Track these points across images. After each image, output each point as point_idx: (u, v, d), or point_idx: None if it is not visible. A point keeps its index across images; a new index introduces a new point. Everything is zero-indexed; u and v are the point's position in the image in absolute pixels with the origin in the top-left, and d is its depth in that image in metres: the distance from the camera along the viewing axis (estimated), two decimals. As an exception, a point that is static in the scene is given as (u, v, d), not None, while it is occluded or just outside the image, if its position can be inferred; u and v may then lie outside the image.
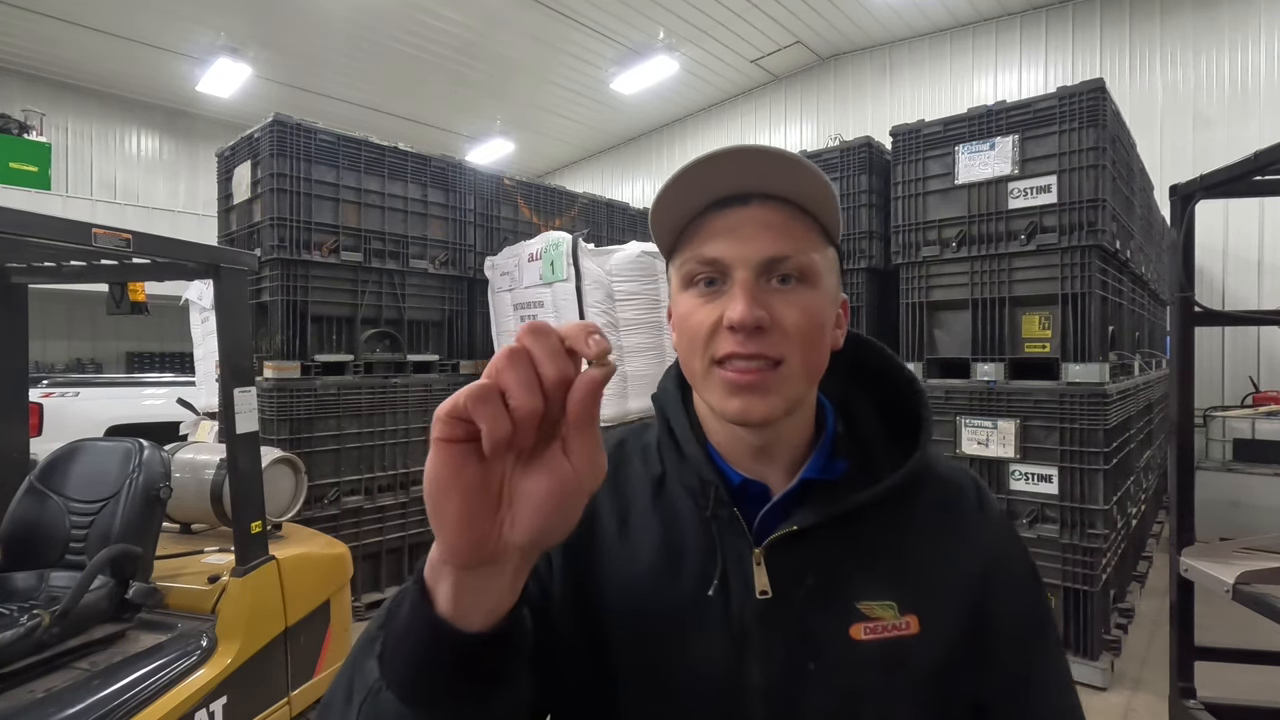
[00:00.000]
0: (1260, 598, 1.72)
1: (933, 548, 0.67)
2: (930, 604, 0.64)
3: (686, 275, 0.64)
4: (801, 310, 0.60)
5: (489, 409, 0.40)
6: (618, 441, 0.76)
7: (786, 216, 0.61)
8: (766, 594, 0.62)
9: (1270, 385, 6.60)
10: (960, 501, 0.70)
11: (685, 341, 0.64)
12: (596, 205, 5.62)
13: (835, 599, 0.63)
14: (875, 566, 0.64)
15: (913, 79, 9.18)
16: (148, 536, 2.04)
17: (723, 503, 0.65)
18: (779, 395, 0.60)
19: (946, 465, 0.74)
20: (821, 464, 0.67)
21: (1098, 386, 3.07)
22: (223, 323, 2.20)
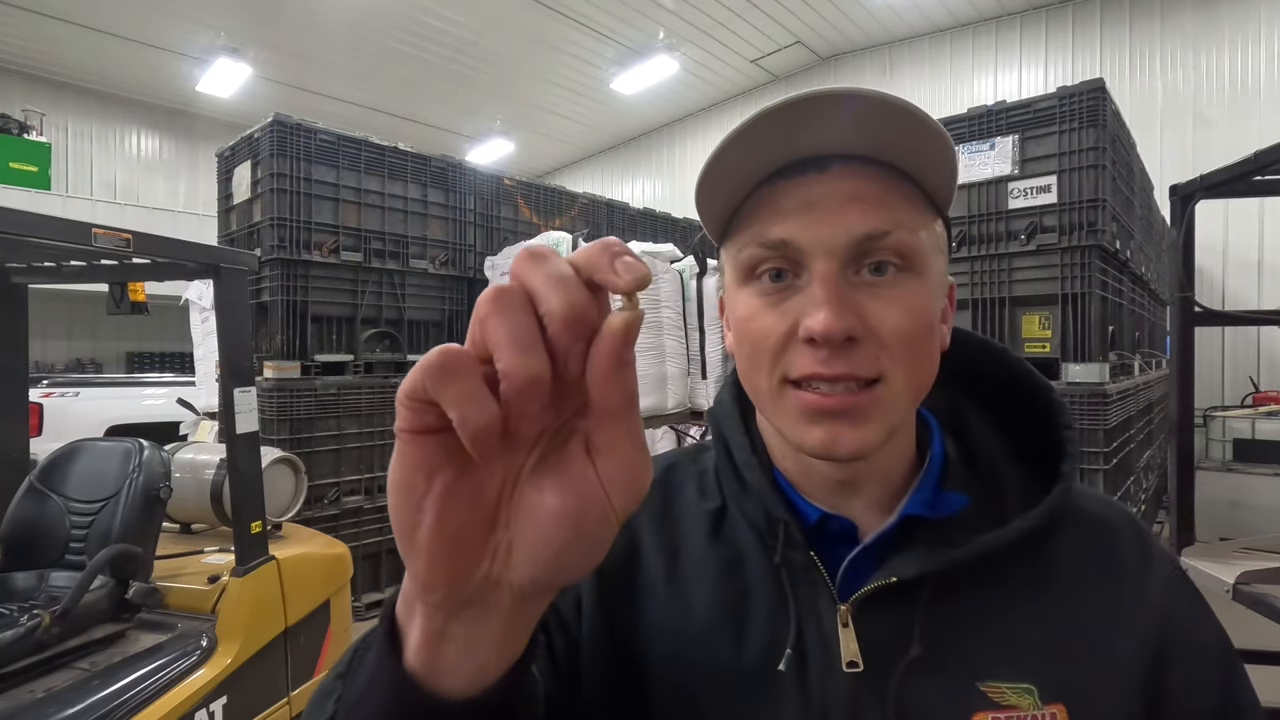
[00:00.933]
0: (1260, 598, 1.72)
1: (1084, 613, 0.49)
2: (1082, 690, 0.47)
3: (746, 264, 0.48)
4: (905, 310, 0.45)
5: (461, 386, 0.26)
6: (668, 465, 0.62)
7: (882, 184, 0.46)
8: (856, 666, 0.47)
9: (1270, 385, 6.59)
10: (1116, 549, 0.53)
11: (747, 352, 0.49)
12: (596, 205, 5.62)
13: (950, 677, 0.47)
14: (1006, 637, 0.48)
15: (913, 79, 9.18)
16: (148, 536, 2.04)
17: (796, 545, 0.50)
18: (876, 423, 0.45)
19: (1098, 501, 0.56)
20: (928, 497, 0.51)
21: (1098, 386, 3.07)
22: (223, 323, 2.20)
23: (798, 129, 0.45)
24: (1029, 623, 0.49)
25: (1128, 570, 0.52)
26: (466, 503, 0.29)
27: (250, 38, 9.30)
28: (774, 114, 0.43)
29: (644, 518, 0.57)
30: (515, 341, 0.26)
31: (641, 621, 0.53)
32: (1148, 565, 0.52)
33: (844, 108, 0.44)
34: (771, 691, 0.48)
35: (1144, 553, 0.53)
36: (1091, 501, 0.56)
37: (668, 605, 0.53)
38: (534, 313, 0.27)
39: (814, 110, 0.44)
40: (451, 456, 0.29)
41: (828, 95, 0.43)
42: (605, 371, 0.28)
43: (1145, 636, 0.49)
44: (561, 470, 0.30)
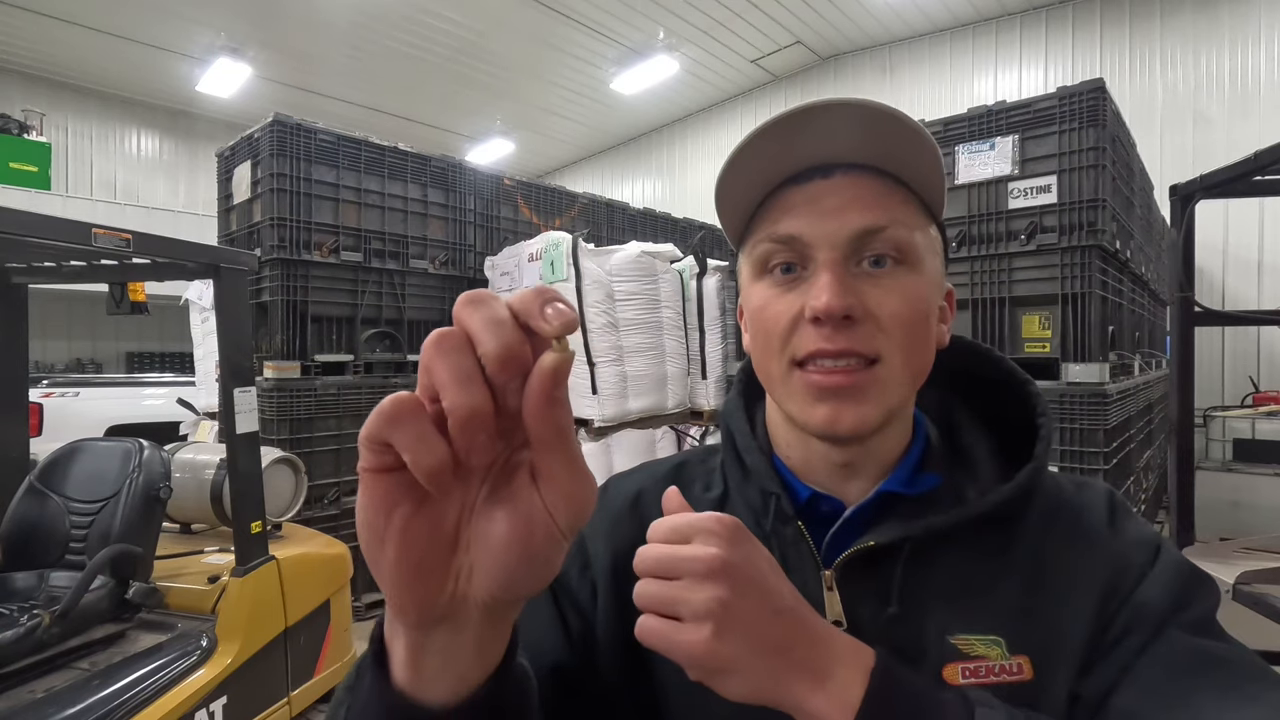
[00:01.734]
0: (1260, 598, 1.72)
1: (1053, 577, 0.53)
2: (1048, 644, 0.51)
3: (759, 260, 0.54)
4: (901, 297, 0.50)
5: (412, 429, 0.30)
6: (678, 464, 0.68)
7: (879, 187, 0.52)
8: (840, 624, 0.52)
9: (1270, 385, 6.59)
10: (1085, 521, 0.56)
11: (760, 340, 0.54)
12: (596, 205, 5.62)
13: (924, 632, 0.51)
14: (976, 595, 0.52)
15: (913, 79, 9.18)
16: (148, 536, 2.04)
17: (786, 518, 0.56)
18: (874, 402, 0.50)
19: (1076, 481, 0.61)
20: (907, 476, 0.56)
21: (1098, 386, 3.07)
22: (223, 323, 2.20)
23: (804, 139, 0.50)
24: (998, 585, 0.53)
25: (1093, 539, 0.55)
26: (426, 533, 0.32)
27: (250, 38, 9.30)
28: (783, 122, 0.49)
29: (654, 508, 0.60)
30: (456, 380, 0.29)
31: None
32: (1114, 530, 0.55)
33: (842, 114, 0.49)
34: None
35: (1112, 520, 0.56)
36: (1070, 484, 0.60)
37: None
38: (474, 353, 0.30)
39: (816, 118, 0.49)
40: (409, 492, 0.32)
41: (828, 103, 0.48)
42: (538, 406, 0.30)
43: (1105, 599, 0.52)
44: (510, 498, 0.33)
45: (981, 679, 0.50)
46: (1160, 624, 0.50)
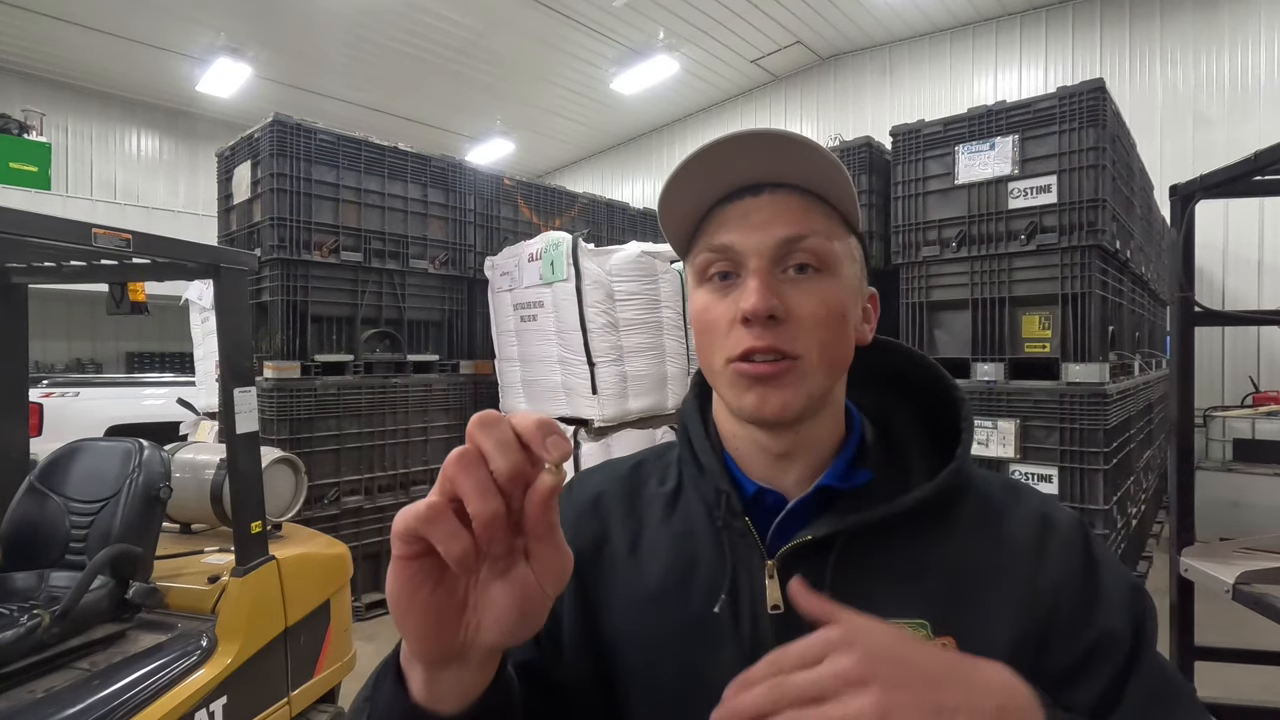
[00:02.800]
0: (1260, 598, 1.72)
1: (975, 567, 0.59)
2: (971, 626, 0.57)
3: (700, 268, 0.62)
4: (819, 300, 0.57)
5: (444, 528, 0.39)
6: (636, 463, 0.75)
7: (801, 203, 0.59)
8: (779, 609, 0.58)
9: (1270, 385, 6.60)
10: (1012, 518, 0.62)
11: (703, 339, 0.62)
12: (596, 205, 5.62)
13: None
14: (904, 584, 0.59)
15: (913, 79, 9.18)
16: (148, 536, 2.04)
17: (735, 512, 0.62)
18: (795, 390, 0.57)
19: (1002, 482, 0.67)
20: (842, 471, 0.63)
21: (1098, 386, 3.07)
22: (223, 323, 2.20)
23: (735, 162, 0.58)
24: (924, 572, 0.59)
25: (1021, 535, 0.61)
26: (443, 601, 0.42)
27: (250, 38, 9.30)
28: (717, 148, 0.57)
29: (613, 506, 0.70)
30: (478, 492, 0.38)
31: (608, 594, 0.65)
32: (1047, 533, 0.61)
33: (766, 141, 0.56)
34: (711, 635, 0.60)
35: (1044, 523, 0.62)
36: (995, 482, 0.66)
37: (629, 576, 0.65)
38: (488, 469, 0.39)
39: (745, 144, 0.57)
40: (432, 572, 0.41)
41: (751, 134, 0.56)
42: (537, 512, 0.41)
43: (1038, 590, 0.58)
44: (509, 572, 0.43)
45: None
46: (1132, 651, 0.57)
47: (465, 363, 4.65)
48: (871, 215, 3.89)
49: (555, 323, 3.81)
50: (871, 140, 3.98)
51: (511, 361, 4.21)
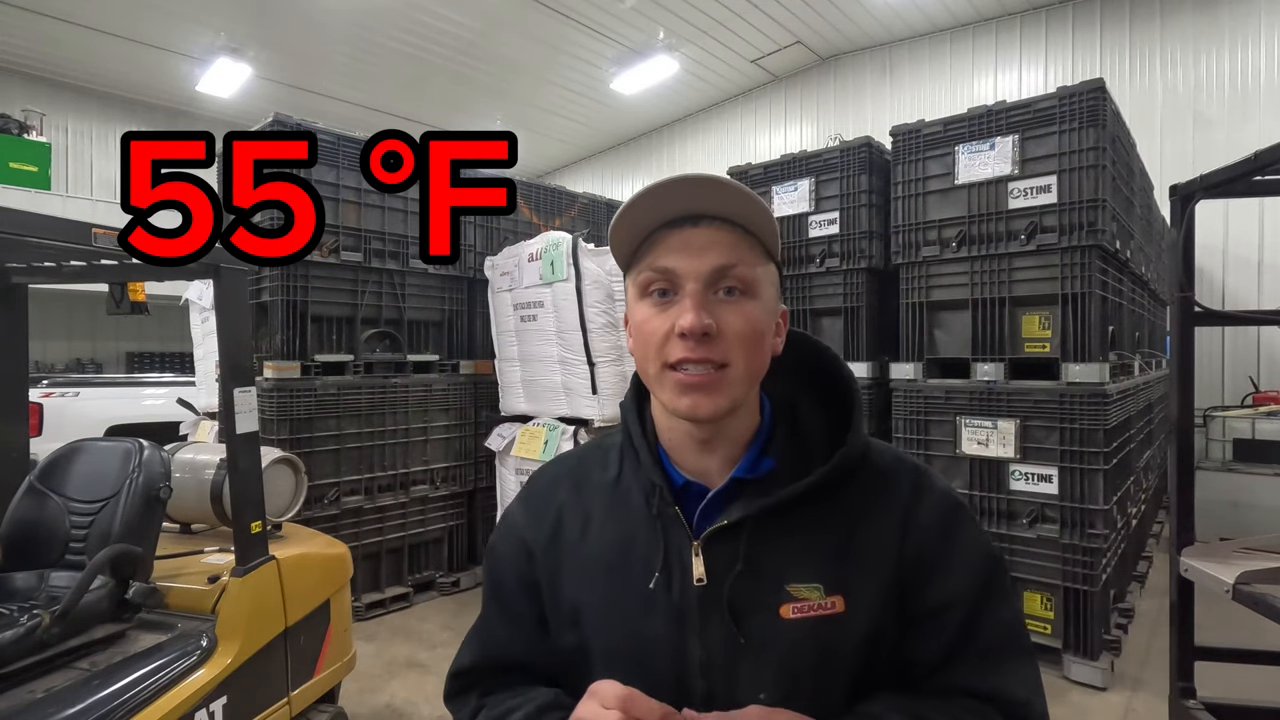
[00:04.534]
0: (1260, 598, 1.72)
1: (862, 533, 0.72)
2: (858, 584, 0.70)
3: (643, 284, 0.71)
4: (745, 319, 0.68)
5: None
6: (580, 456, 0.87)
7: (733, 235, 0.69)
8: (703, 581, 0.71)
9: (1270, 385, 6.59)
10: (893, 489, 0.74)
11: (641, 347, 0.71)
12: (596, 205, 5.62)
13: (764, 583, 0.70)
14: (804, 553, 0.71)
15: (913, 79, 9.18)
16: (148, 536, 2.03)
17: (667, 502, 0.74)
18: (723, 395, 0.68)
19: (891, 457, 0.78)
20: (750, 463, 0.74)
21: (1098, 386, 3.07)
22: (223, 323, 2.20)
23: (678, 198, 0.68)
24: (820, 543, 0.71)
25: (898, 502, 0.73)
26: None
27: (250, 38, 9.30)
28: (660, 189, 0.68)
29: (566, 494, 0.83)
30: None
31: (565, 566, 0.78)
32: (918, 498, 0.74)
33: (705, 183, 0.68)
34: (649, 604, 0.72)
35: (915, 491, 0.74)
36: (885, 456, 0.77)
37: (582, 552, 0.78)
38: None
39: (687, 185, 0.68)
40: None
41: (693, 178, 0.67)
42: None
43: (905, 550, 0.72)
44: None
45: (806, 614, 0.69)
46: (971, 612, 0.71)
47: (465, 363, 4.65)
48: (871, 215, 3.89)
49: (555, 323, 3.81)
50: (871, 140, 3.98)
51: (511, 361, 4.21)
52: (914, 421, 3.53)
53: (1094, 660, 3.09)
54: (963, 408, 3.39)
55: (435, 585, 4.42)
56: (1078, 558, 3.09)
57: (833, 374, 0.79)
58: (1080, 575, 3.09)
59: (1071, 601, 3.12)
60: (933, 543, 0.72)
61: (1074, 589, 3.10)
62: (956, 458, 3.39)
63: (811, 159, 4.09)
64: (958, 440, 3.39)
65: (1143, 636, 3.63)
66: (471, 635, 0.87)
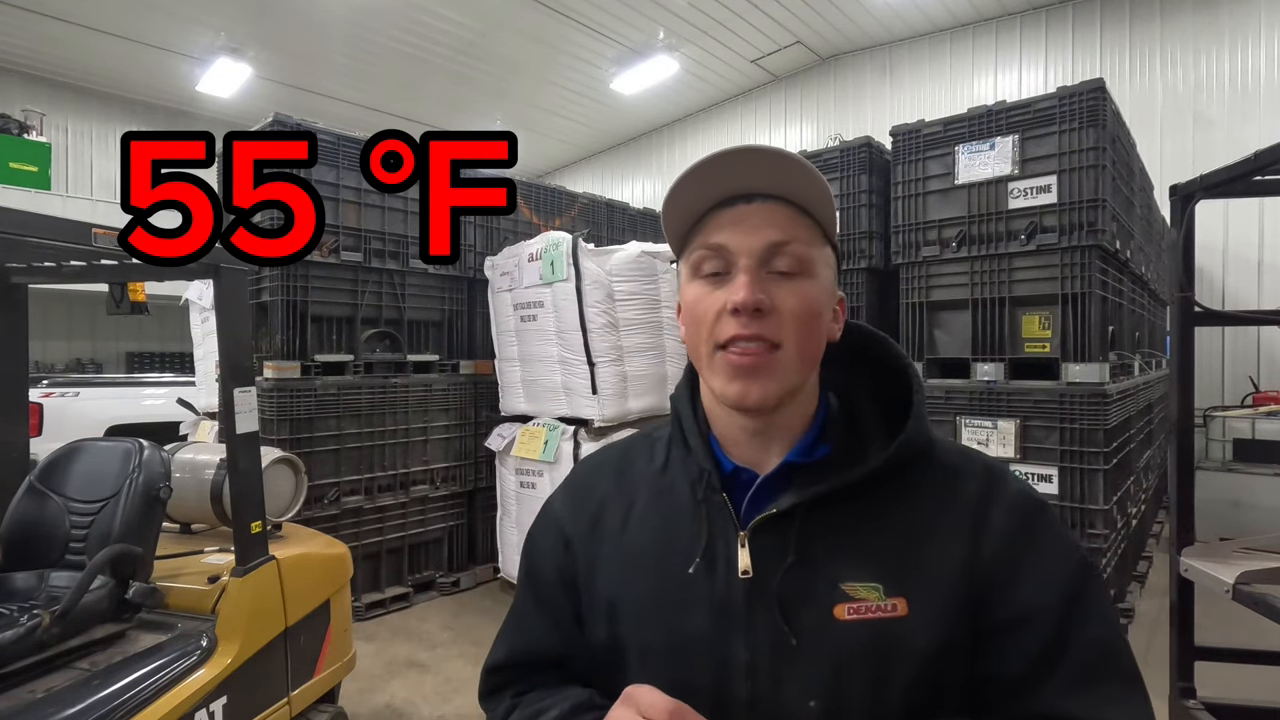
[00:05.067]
0: (1260, 598, 1.72)
1: (926, 532, 0.66)
2: (922, 588, 0.63)
3: (694, 263, 0.68)
4: (799, 297, 0.65)
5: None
6: (624, 447, 0.84)
7: (788, 213, 0.66)
8: (748, 574, 0.66)
9: (1270, 385, 6.59)
10: (961, 487, 0.68)
11: (693, 327, 0.68)
12: (596, 205, 5.62)
13: (816, 579, 0.65)
14: (862, 550, 0.65)
15: (913, 79, 9.18)
16: (148, 536, 2.03)
17: (714, 488, 0.70)
18: (775, 380, 0.64)
19: (957, 451, 0.73)
20: (806, 447, 0.70)
21: (1098, 386, 3.07)
22: (223, 323, 2.20)
23: (732, 173, 0.65)
24: (879, 538, 0.66)
25: (968, 502, 0.67)
26: None
27: (250, 38, 9.29)
28: (714, 161, 0.65)
29: (608, 484, 0.79)
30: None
31: (606, 561, 0.74)
32: (990, 497, 0.67)
33: (760, 156, 0.64)
34: (689, 599, 0.67)
35: (988, 487, 0.68)
36: (950, 453, 0.72)
37: (623, 542, 0.74)
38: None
39: (741, 158, 0.65)
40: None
41: (749, 149, 0.64)
42: None
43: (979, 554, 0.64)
44: None
45: (863, 615, 0.63)
46: (1062, 625, 0.62)
47: (465, 363, 4.65)
48: (871, 215, 3.89)
49: (555, 323, 3.81)
50: (871, 140, 3.98)
51: (511, 361, 4.21)
52: (914, 421, 3.52)
53: (1094, 660, 3.09)
54: (963, 408, 3.39)
55: (435, 585, 4.42)
56: (1078, 558, 3.09)
57: (893, 364, 0.75)
58: (1080, 575, 3.08)
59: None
60: (1008, 547, 0.65)
61: (1074, 589, 3.10)
62: (956, 458, 3.39)
63: (811, 159, 4.03)
64: (958, 440, 3.39)
65: (1143, 636, 3.62)
66: (505, 628, 0.83)
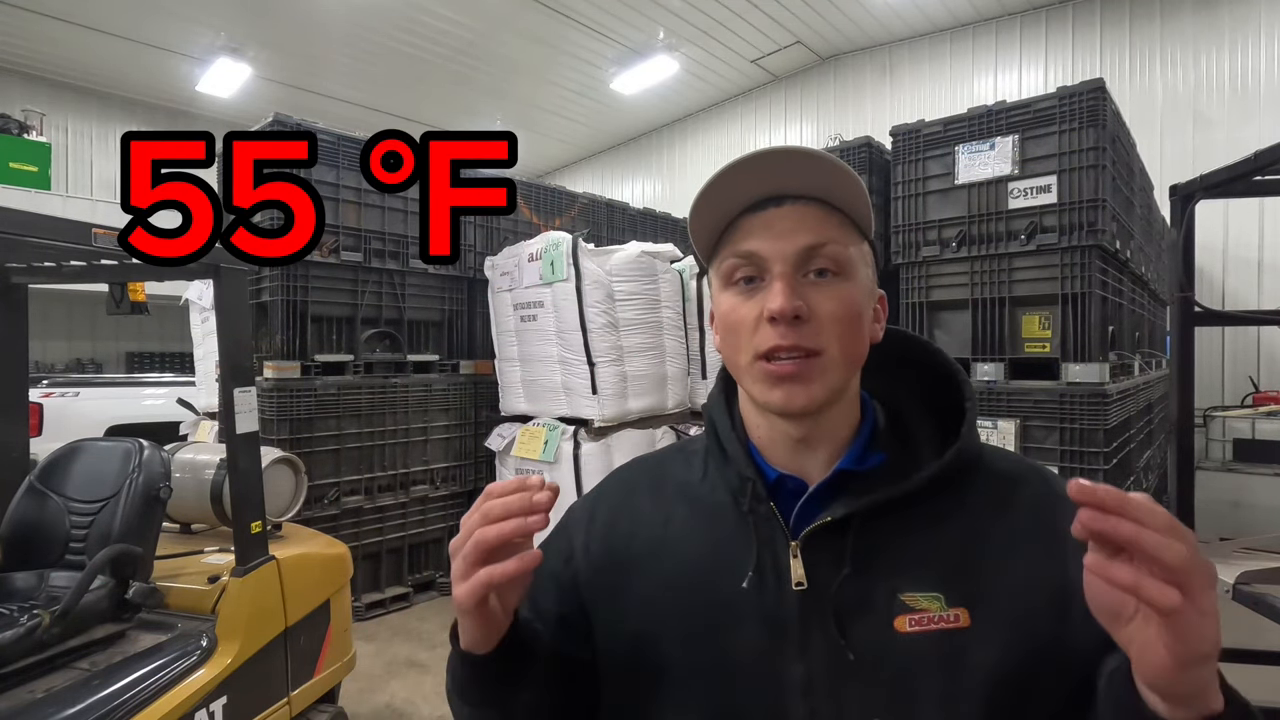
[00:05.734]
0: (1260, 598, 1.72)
1: (987, 541, 0.63)
2: (985, 598, 0.60)
3: (726, 272, 0.66)
4: (838, 301, 0.62)
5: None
6: (660, 459, 0.81)
7: (820, 213, 0.64)
8: (802, 585, 0.62)
9: (1270, 385, 6.59)
10: (1020, 494, 0.65)
11: (729, 338, 0.66)
12: (596, 205, 5.62)
13: (874, 590, 0.61)
14: (919, 558, 0.62)
15: (913, 79, 9.18)
16: (148, 536, 2.03)
17: (760, 498, 0.66)
18: (819, 384, 0.62)
19: (1012, 459, 0.71)
20: (858, 455, 0.67)
21: (1098, 386, 3.07)
22: (223, 323, 2.20)
23: (760, 176, 0.63)
24: (938, 547, 0.63)
25: (1029, 511, 0.64)
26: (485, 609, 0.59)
27: (250, 38, 9.29)
28: (738, 167, 0.62)
29: (643, 500, 0.75)
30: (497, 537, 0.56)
31: (641, 582, 0.69)
32: (1056, 502, 0.61)
33: (788, 157, 0.62)
34: (739, 610, 0.64)
35: (1049, 497, 0.64)
36: (1004, 460, 0.70)
37: (663, 558, 0.69)
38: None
39: (769, 160, 0.63)
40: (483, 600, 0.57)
41: (774, 151, 0.62)
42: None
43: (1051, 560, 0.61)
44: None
45: (925, 627, 0.60)
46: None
47: (465, 363, 4.65)
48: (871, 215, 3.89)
49: (555, 323, 3.81)
50: (871, 140, 3.98)
51: (511, 361, 4.21)
52: (914, 421, 3.53)
53: (1094, 660, 3.09)
54: (963, 408, 3.38)
55: (435, 585, 4.42)
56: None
57: (939, 369, 0.72)
58: (1080, 575, 3.08)
59: (1071, 601, 3.11)
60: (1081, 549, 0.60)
61: (1074, 589, 3.10)
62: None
63: (812, 159, 4.08)
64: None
65: (1143, 636, 3.62)
66: None
